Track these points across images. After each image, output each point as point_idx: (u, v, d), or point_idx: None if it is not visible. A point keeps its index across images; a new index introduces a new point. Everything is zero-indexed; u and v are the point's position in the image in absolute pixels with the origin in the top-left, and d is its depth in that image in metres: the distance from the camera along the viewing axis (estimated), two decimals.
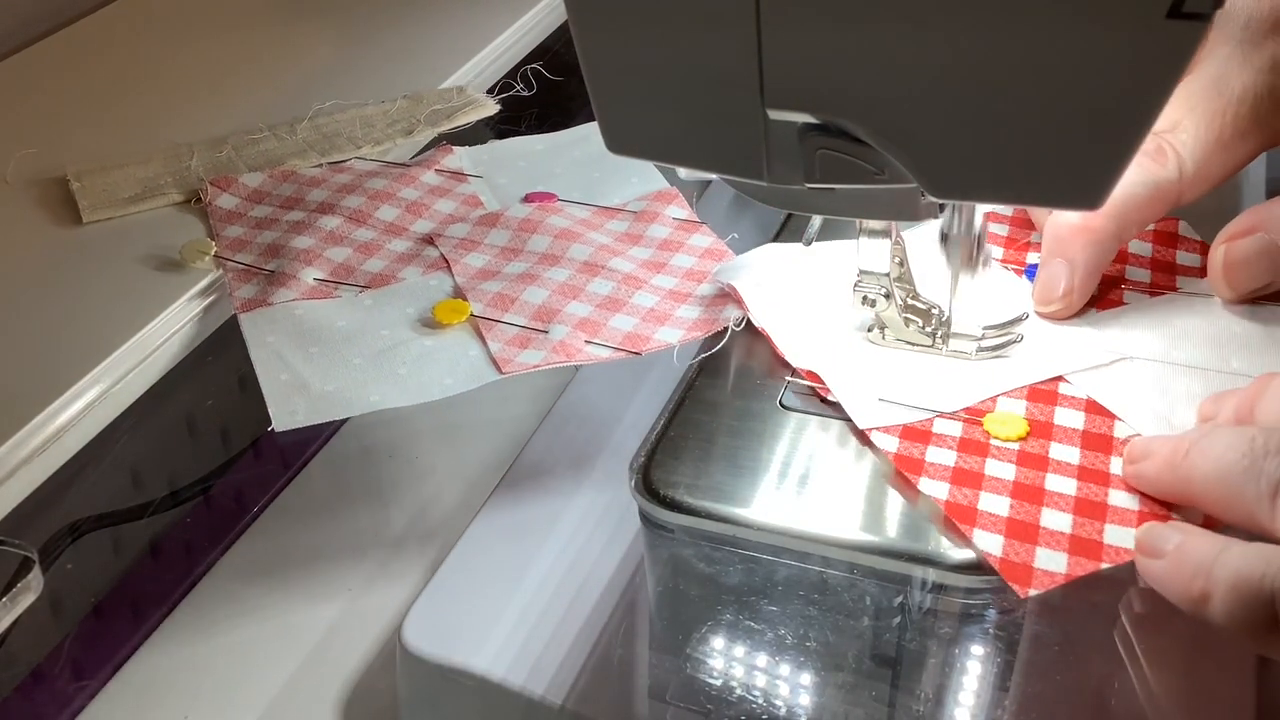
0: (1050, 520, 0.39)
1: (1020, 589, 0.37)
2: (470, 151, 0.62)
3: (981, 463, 0.42)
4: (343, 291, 0.52)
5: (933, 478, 0.41)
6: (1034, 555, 0.38)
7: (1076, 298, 0.46)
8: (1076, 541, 0.39)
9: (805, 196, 0.39)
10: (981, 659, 0.38)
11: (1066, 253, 0.46)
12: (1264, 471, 0.35)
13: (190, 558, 0.50)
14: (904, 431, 0.43)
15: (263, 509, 0.52)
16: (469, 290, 0.51)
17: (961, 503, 0.40)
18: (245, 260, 0.54)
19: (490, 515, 0.46)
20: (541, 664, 0.40)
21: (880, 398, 0.44)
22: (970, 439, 0.43)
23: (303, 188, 0.59)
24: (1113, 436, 0.42)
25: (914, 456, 0.42)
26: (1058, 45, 0.31)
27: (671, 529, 0.42)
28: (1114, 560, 0.38)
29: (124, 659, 0.46)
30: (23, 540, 0.42)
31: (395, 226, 0.56)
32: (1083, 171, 0.34)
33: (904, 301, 0.46)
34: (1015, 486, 0.41)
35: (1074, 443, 0.42)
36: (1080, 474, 0.41)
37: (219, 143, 0.63)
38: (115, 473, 0.52)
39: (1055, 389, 0.45)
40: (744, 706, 0.37)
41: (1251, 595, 0.33)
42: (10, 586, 0.40)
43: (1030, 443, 0.42)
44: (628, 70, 0.38)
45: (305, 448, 0.55)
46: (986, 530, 0.39)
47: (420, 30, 0.74)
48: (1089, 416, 0.43)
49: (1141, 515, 0.39)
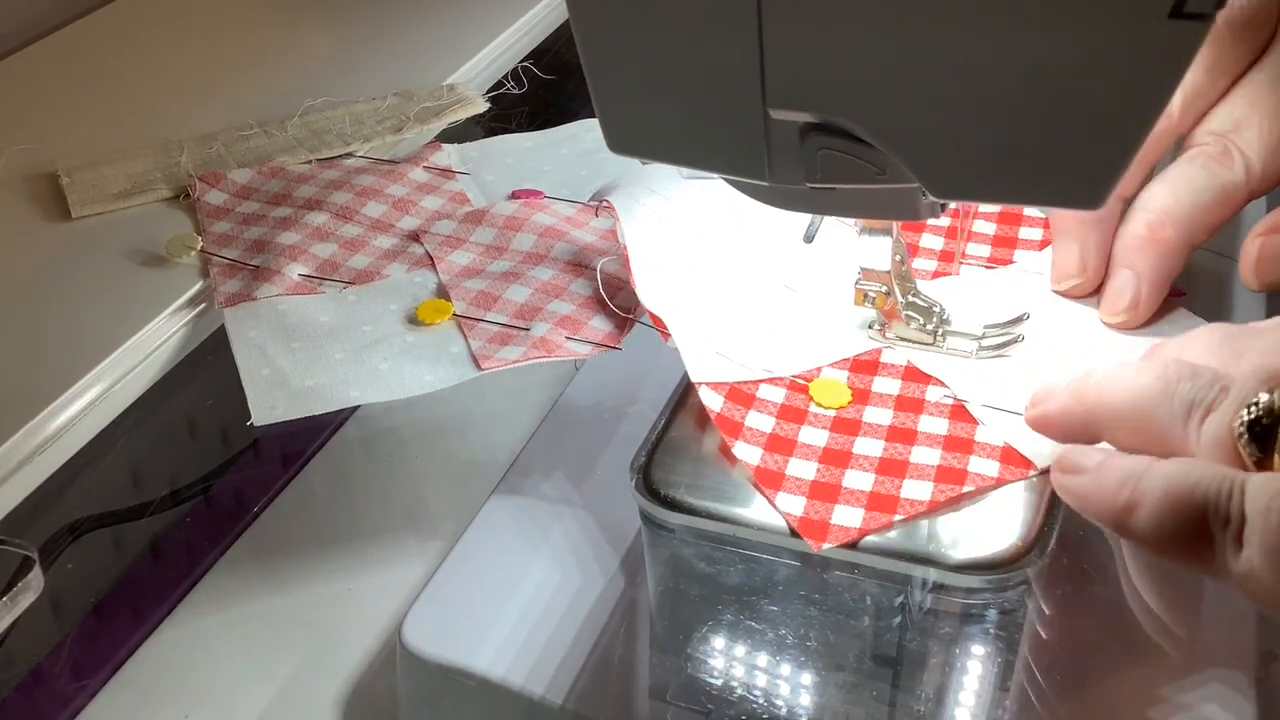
0: (853, 480, 0.41)
1: (815, 544, 0.39)
2: (459, 149, 0.62)
3: (797, 430, 0.43)
4: (327, 287, 0.52)
5: (748, 442, 0.42)
6: (832, 513, 0.40)
7: (1144, 309, 0.46)
8: (874, 498, 0.40)
9: (806, 196, 0.39)
10: (981, 659, 0.38)
11: (1134, 264, 0.45)
12: (1177, 394, 0.36)
13: (190, 558, 0.50)
14: (730, 392, 0.44)
15: (263, 509, 0.52)
16: (452, 288, 0.51)
17: (771, 468, 0.41)
18: (231, 255, 0.54)
19: (490, 515, 0.46)
20: (541, 664, 0.40)
21: (718, 351, 0.45)
22: (791, 406, 0.44)
23: (291, 184, 0.59)
24: (924, 400, 0.44)
25: (734, 420, 0.43)
26: (1059, 45, 0.31)
27: (671, 529, 0.42)
28: (908, 513, 0.39)
29: (124, 659, 0.46)
30: (23, 540, 0.42)
31: (381, 223, 0.56)
32: (1084, 172, 0.34)
33: (904, 299, 0.46)
34: (825, 452, 0.42)
35: (888, 406, 0.44)
36: (889, 435, 0.43)
37: (209, 139, 0.63)
38: (115, 473, 0.52)
39: (878, 358, 0.46)
40: (744, 706, 0.37)
41: (1183, 503, 0.33)
42: (10, 586, 0.40)
43: (849, 409, 0.44)
44: (629, 70, 0.38)
45: (305, 448, 0.55)
46: (790, 493, 0.40)
47: (420, 30, 0.74)
48: (905, 383, 0.45)
49: (940, 470, 0.41)
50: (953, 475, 0.41)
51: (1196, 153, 0.45)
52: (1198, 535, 0.33)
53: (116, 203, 0.59)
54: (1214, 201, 0.45)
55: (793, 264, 0.50)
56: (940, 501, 0.40)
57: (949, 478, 0.41)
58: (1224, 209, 0.45)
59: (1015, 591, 0.39)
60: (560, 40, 0.76)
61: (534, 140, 0.63)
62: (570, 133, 0.63)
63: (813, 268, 0.50)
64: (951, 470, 0.41)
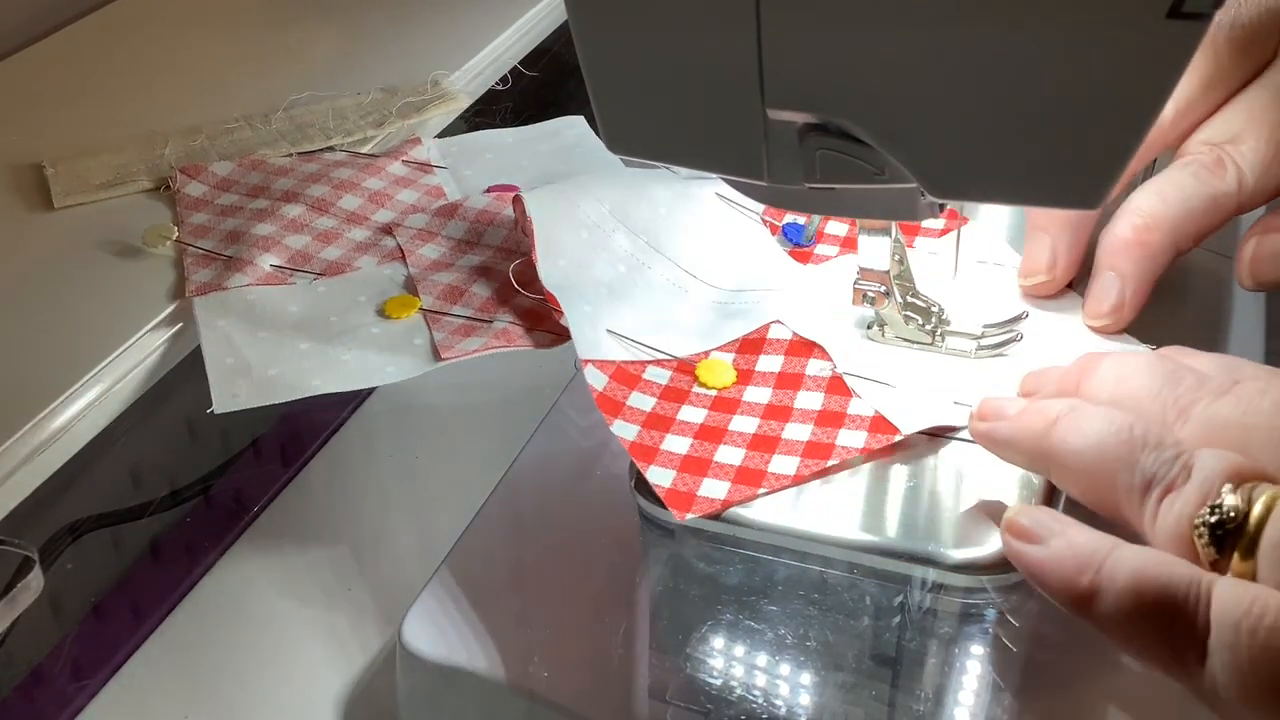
0: (724, 455, 0.42)
1: (679, 513, 0.40)
2: (439, 143, 0.63)
3: (677, 409, 0.44)
4: (297, 278, 0.53)
5: (626, 420, 0.43)
6: (700, 485, 0.40)
7: (1128, 312, 0.45)
8: (742, 472, 0.41)
9: (805, 196, 0.39)
10: (981, 659, 0.38)
11: (1119, 266, 0.45)
12: (1140, 465, 0.34)
13: (190, 558, 0.50)
14: (616, 372, 0.44)
15: (263, 509, 0.52)
16: (420, 281, 0.51)
17: (646, 443, 0.42)
18: (206, 246, 0.54)
19: (490, 515, 0.46)
20: (541, 664, 0.40)
21: (609, 329, 0.45)
22: (675, 387, 0.45)
23: (270, 176, 0.59)
24: (804, 374, 0.45)
25: (616, 399, 0.43)
26: (1058, 45, 0.31)
27: (671, 529, 0.42)
28: (772, 486, 0.41)
29: (124, 659, 0.46)
30: (23, 540, 0.42)
31: (357, 216, 0.56)
32: (1083, 172, 0.34)
33: (903, 299, 0.46)
34: (701, 429, 0.43)
35: (768, 384, 0.45)
36: (765, 413, 0.43)
37: (194, 132, 0.64)
38: (115, 473, 0.52)
39: (764, 336, 0.47)
40: (744, 706, 0.37)
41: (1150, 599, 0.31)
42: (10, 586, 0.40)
43: (731, 389, 0.45)
44: (627, 70, 0.38)
45: (305, 448, 0.55)
46: (662, 466, 0.41)
47: (420, 30, 0.74)
48: (787, 359, 0.46)
49: (808, 445, 0.42)
50: (820, 450, 0.42)
51: (1190, 160, 0.45)
52: (1164, 635, 0.31)
53: (98, 193, 0.59)
54: (1203, 209, 0.44)
55: (698, 255, 0.51)
56: (805, 475, 0.41)
57: (816, 452, 0.42)
58: (1212, 218, 0.45)
59: (1015, 591, 0.39)
60: (560, 40, 0.76)
61: (514, 136, 0.63)
62: (551, 129, 0.64)
63: (717, 259, 0.51)
64: (819, 445, 0.42)
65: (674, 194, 0.53)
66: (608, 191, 0.52)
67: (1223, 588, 0.31)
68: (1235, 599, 0.30)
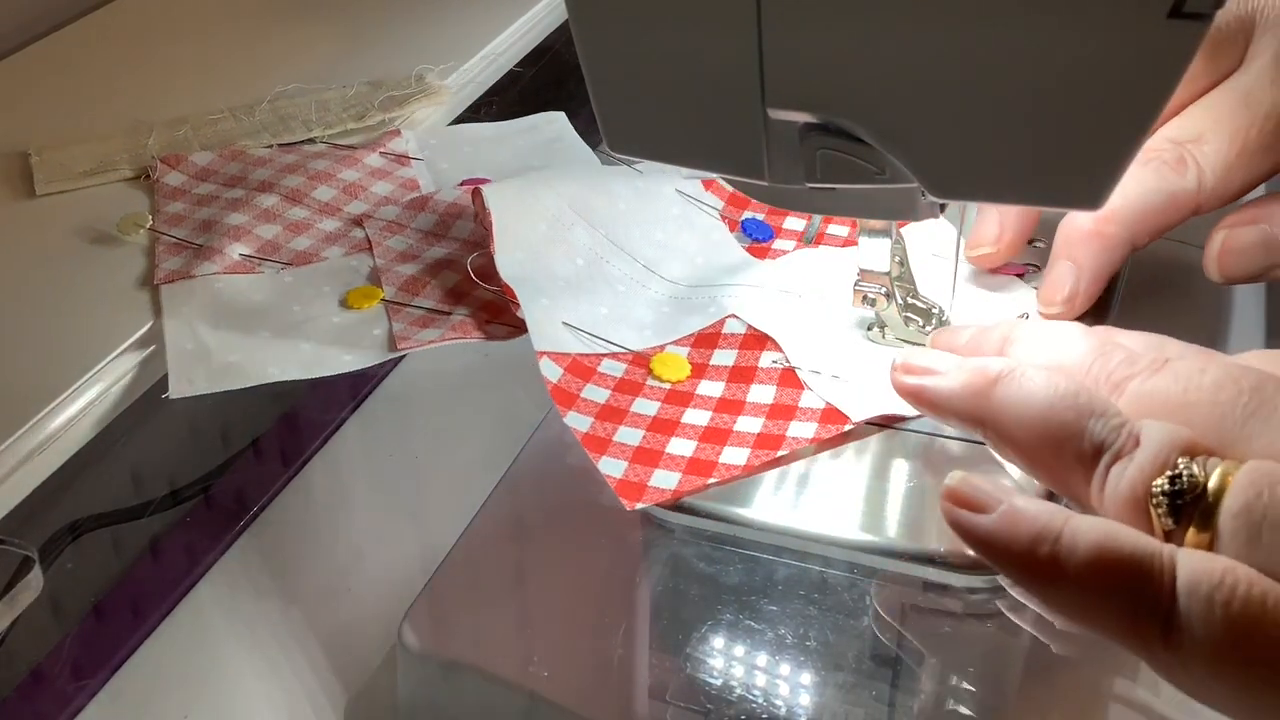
0: (675, 447, 0.42)
1: (629, 503, 0.40)
2: (419, 135, 0.63)
3: (630, 401, 0.44)
4: (265, 268, 0.53)
5: (580, 412, 0.43)
6: (651, 476, 0.41)
7: (1081, 301, 0.46)
8: (693, 463, 0.41)
9: (806, 196, 0.39)
10: (981, 659, 0.38)
11: (1075, 256, 0.46)
12: (1089, 431, 0.34)
13: (190, 558, 0.50)
14: (571, 365, 0.45)
15: (263, 509, 0.52)
16: (385, 272, 0.52)
17: (599, 435, 0.42)
18: (179, 235, 0.55)
19: (490, 515, 0.46)
20: (541, 664, 0.40)
21: (566, 322, 0.46)
22: (629, 380, 0.45)
23: (248, 167, 0.60)
24: (757, 367, 0.45)
25: (570, 391, 0.44)
26: (1058, 45, 0.31)
27: (671, 529, 0.42)
28: (722, 477, 0.41)
29: (124, 659, 0.46)
30: (23, 540, 0.42)
31: (330, 206, 0.57)
32: (1083, 172, 0.34)
33: (904, 301, 0.46)
34: (654, 421, 0.43)
35: (722, 378, 0.45)
36: (718, 406, 0.44)
37: (179, 122, 0.64)
38: (115, 473, 0.52)
39: (719, 330, 0.47)
40: (744, 706, 0.37)
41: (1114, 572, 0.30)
42: (10, 586, 0.40)
43: (685, 383, 0.45)
44: (627, 70, 0.38)
45: (305, 448, 0.55)
46: (614, 458, 0.41)
47: (420, 30, 0.74)
48: (741, 353, 0.46)
49: (759, 437, 0.42)
50: (770, 441, 0.42)
51: (1153, 156, 0.45)
52: (1127, 607, 0.30)
53: (80, 181, 0.60)
54: (1161, 205, 0.45)
55: (657, 250, 0.52)
56: (755, 466, 0.41)
57: (766, 444, 0.42)
58: (1170, 215, 0.45)
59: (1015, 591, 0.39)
60: (560, 40, 0.76)
61: (494, 130, 0.64)
62: (531, 124, 0.64)
63: (675, 255, 0.52)
64: (770, 436, 0.42)
65: (634, 190, 0.53)
66: (568, 186, 0.52)
67: (1188, 559, 0.30)
68: (1205, 571, 0.30)
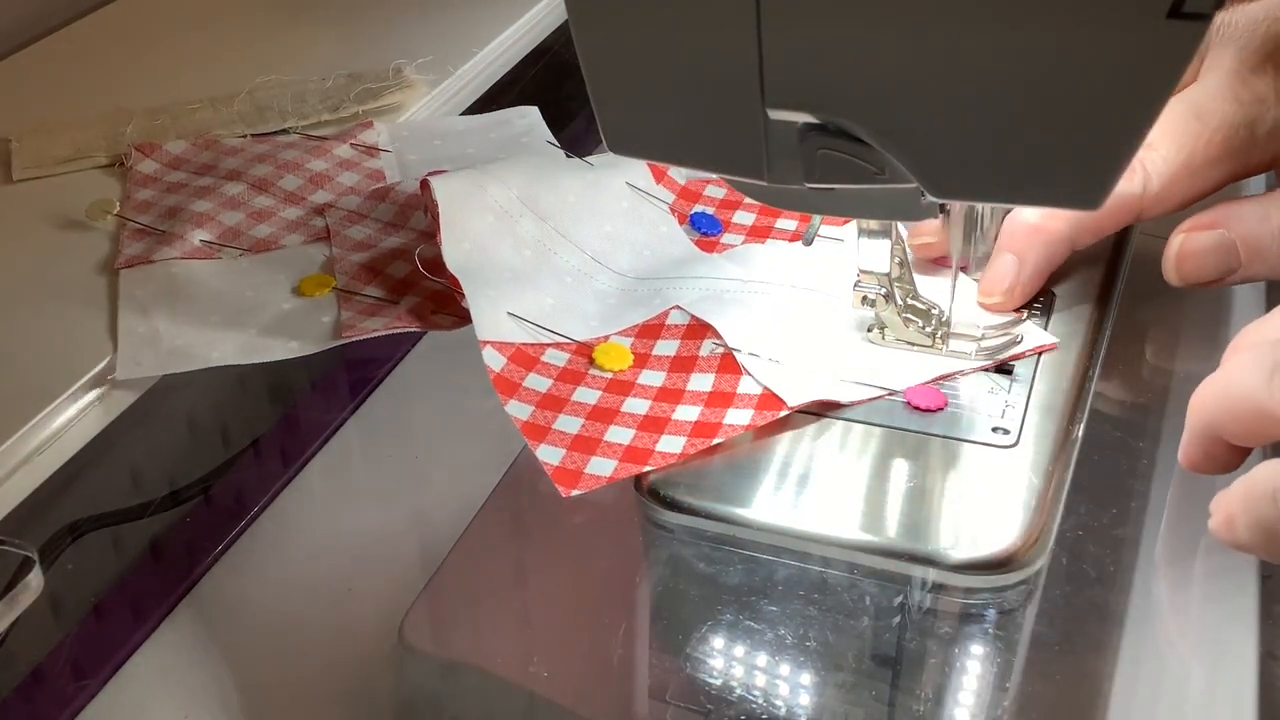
0: (614, 435, 0.43)
1: (564, 490, 0.40)
2: (391, 127, 0.63)
3: (572, 390, 0.45)
4: (225, 254, 0.53)
5: (521, 400, 0.43)
6: (587, 463, 0.41)
7: (1019, 294, 0.47)
8: (630, 451, 0.42)
9: (805, 196, 0.39)
10: (981, 659, 0.38)
11: (1017, 249, 0.47)
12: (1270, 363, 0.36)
13: (190, 558, 0.50)
14: (514, 354, 0.45)
15: (263, 509, 0.52)
16: (339, 261, 0.52)
17: (539, 423, 0.43)
18: (145, 221, 0.55)
19: (490, 515, 0.46)
20: (541, 664, 0.40)
21: (510, 312, 0.46)
22: (571, 369, 0.45)
23: (220, 156, 0.61)
24: (698, 356, 0.46)
25: (512, 380, 0.44)
26: (1058, 45, 0.31)
27: (671, 529, 0.42)
28: (658, 464, 0.41)
29: (124, 659, 0.46)
30: (23, 540, 0.41)
31: (295, 196, 0.57)
32: (1083, 172, 0.34)
33: (903, 301, 0.46)
34: (594, 410, 0.44)
35: (663, 368, 0.46)
36: (657, 395, 0.44)
37: (158, 111, 0.64)
38: (115, 473, 0.52)
39: (663, 321, 0.48)
40: (744, 706, 0.37)
41: None
42: (10, 586, 0.40)
43: (627, 373, 0.45)
44: (627, 70, 0.38)
45: (305, 448, 0.55)
46: (552, 445, 0.42)
47: (420, 30, 0.74)
48: (683, 343, 0.46)
49: (696, 425, 0.43)
50: (707, 429, 0.43)
51: None
52: None
53: (58, 167, 0.60)
54: (1107, 208, 0.45)
55: (605, 242, 0.52)
56: (689, 454, 0.42)
57: (703, 432, 0.42)
58: (1115, 217, 0.46)
59: (1015, 591, 0.39)
60: (560, 40, 0.76)
61: (466, 123, 0.64)
62: (503, 117, 0.64)
63: (623, 247, 0.52)
64: (707, 424, 0.43)
65: (584, 182, 0.54)
66: (516, 178, 0.52)
67: None
68: None
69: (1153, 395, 0.48)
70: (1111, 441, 0.45)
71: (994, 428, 0.43)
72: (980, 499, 0.40)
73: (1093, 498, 0.42)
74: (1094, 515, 0.42)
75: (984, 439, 0.43)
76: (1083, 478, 0.43)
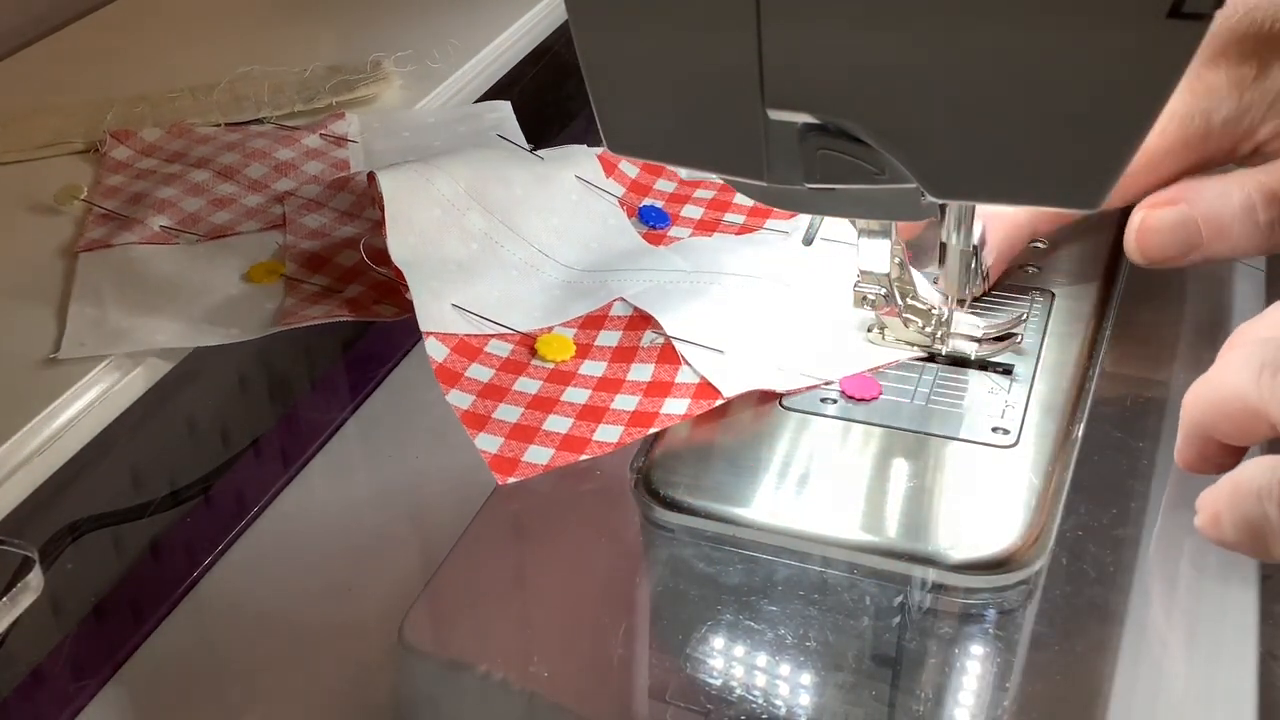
0: (552, 424, 0.44)
1: (501, 478, 0.41)
2: (362, 118, 0.64)
3: (513, 380, 0.45)
4: (183, 240, 0.54)
5: (462, 390, 0.44)
6: (525, 451, 0.42)
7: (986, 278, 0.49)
8: (567, 440, 0.42)
9: (805, 197, 0.39)
10: (981, 659, 0.38)
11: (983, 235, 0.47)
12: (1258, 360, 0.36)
13: (190, 558, 0.50)
14: (458, 345, 0.45)
15: (263, 509, 0.52)
16: (291, 248, 0.53)
17: (479, 412, 0.43)
18: (110, 206, 0.56)
19: (490, 515, 0.46)
20: (541, 664, 0.40)
21: (454, 304, 0.46)
22: (515, 360, 0.46)
23: (192, 144, 0.61)
24: (638, 347, 0.46)
25: (455, 370, 0.45)
26: (1057, 45, 0.31)
27: (671, 529, 0.42)
28: (594, 453, 0.42)
29: (124, 659, 0.46)
30: (23, 540, 0.41)
31: (258, 184, 0.58)
32: (1083, 172, 0.34)
33: (904, 302, 0.46)
34: (534, 399, 0.44)
35: (605, 358, 0.46)
36: (597, 385, 0.45)
37: (139, 99, 0.65)
38: (115, 473, 0.52)
39: (606, 313, 0.48)
40: (744, 706, 0.37)
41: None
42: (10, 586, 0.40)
43: (569, 363, 0.46)
44: (627, 70, 0.38)
45: (305, 448, 0.55)
46: (491, 434, 0.42)
47: (420, 30, 0.74)
48: (625, 334, 0.47)
49: (633, 415, 0.43)
50: (644, 419, 0.43)
51: None
52: None
53: (36, 152, 0.62)
54: None
55: (552, 235, 0.53)
56: (626, 442, 0.42)
57: (640, 421, 0.43)
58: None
59: (1015, 591, 0.39)
60: (560, 40, 0.76)
61: (437, 116, 0.64)
62: (474, 111, 0.65)
63: (571, 240, 0.53)
64: (644, 414, 0.43)
65: (533, 175, 0.54)
66: (464, 171, 0.53)
67: None
68: None
69: (1153, 395, 0.48)
70: (1111, 441, 0.45)
71: (994, 428, 0.43)
72: (980, 499, 0.40)
73: (1093, 498, 0.42)
74: (1094, 515, 0.42)
75: (984, 439, 0.43)
76: (1083, 478, 0.43)
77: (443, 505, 0.52)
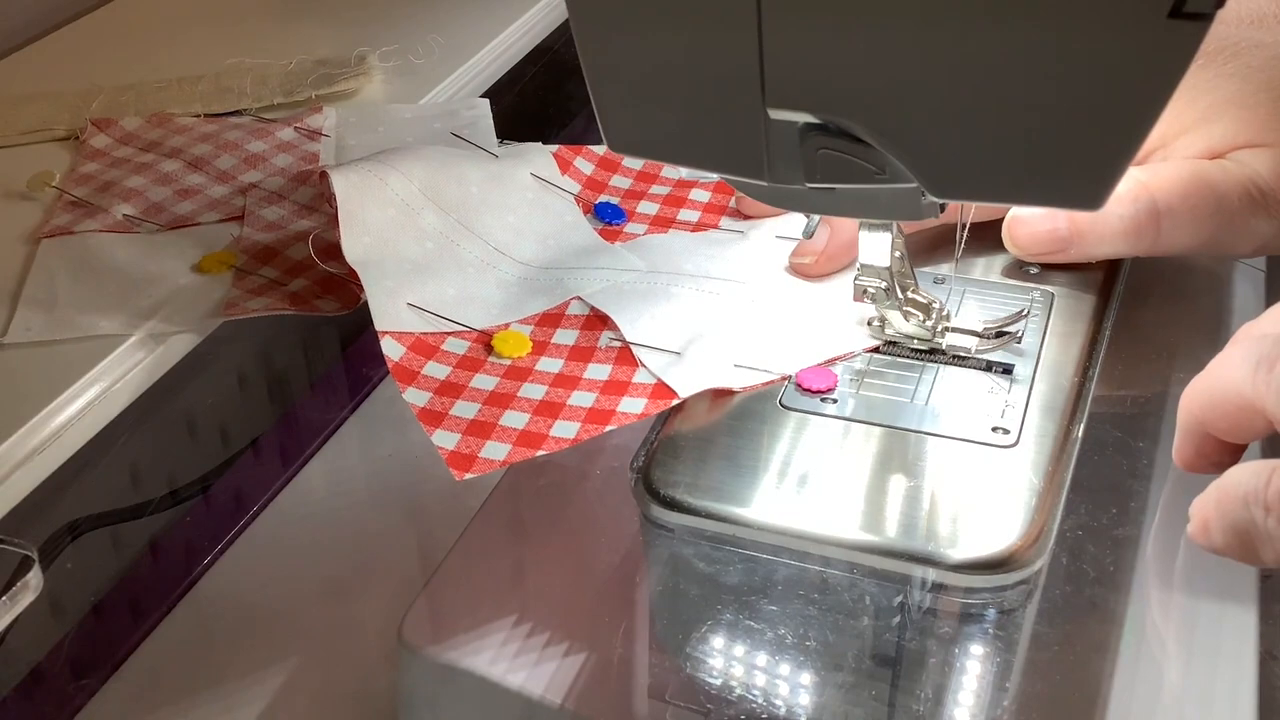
0: (509, 420, 0.44)
1: (458, 473, 0.41)
2: (340, 112, 0.64)
3: (470, 377, 0.45)
4: (143, 229, 0.54)
5: (419, 388, 0.44)
6: (483, 447, 0.42)
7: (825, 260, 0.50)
8: (524, 435, 0.42)
9: (806, 196, 0.39)
10: (981, 659, 0.38)
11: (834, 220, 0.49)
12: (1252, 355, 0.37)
13: (190, 558, 0.50)
14: (414, 343, 0.46)
15: (263, 509, 0.52)
16: (245, 240, 0.53)
17: (436, 409, 0.43)
18: (79, 194, 0.56)
19: (490, 515, 0.46)
20: (541, 664, 0.40)
21: (410, 303, 0.46)
22: (471, 357, 0.46)
23: (169, 134, 0.61)
24: (596, 347, 0.47)
25: (411, 369, 0.45)
26: (1059, 45, 0.31)
27: (671, 529, 0.42)
28: (551, 449, 0.42)
29: (124, 659, 0.46)
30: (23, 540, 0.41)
31: (226, 175, 0.58)
32: (1083, 171, 0.34)
33: (904, 295, 0.46)
34: (490, 395, 0.44)
35: (561, 356, 0.46)
36: (554, 381, 0.45)
37: (125, 89, 0.65)
38: (115, 473, 0.52)
39: (563, 311, 0.48)
40: (744, 706, 0.37)
41: None
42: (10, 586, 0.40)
43: (525, 359, 0.46)
44: (628, 70, 0.38)
45: (305, 447, 0.55)
46: (448, 430, 0.42)
47: (420, 30, 0.74)
48: (583, 333, 0.47)
49: (590, 412, 0.43)
50: (601, 416, 0.43)
51: None
52: None
53: (21, 138, 0.62)
54: None
55: (508, 233, 0.53)
56: (583, 438, 0.43)
57: (597, 419, 0.43)
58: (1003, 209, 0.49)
59: (1015, 591, 0.39)
60: (560, 40, 0.76)
61: (412, 112, 0.64)
62: (448, 108, 0.65)
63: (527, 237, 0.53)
64: (601, 411, 0.43)
65: (487, 174, 0.54)
66: (418, 169, 0.53)
67: None
68: None
69: (1153, 395, 0.48)
70: (1111, 441, 0.45)
71: (994, 428, 0.43)
72: (980, 499, 0.40)
73: (1093, 498, 0.42)
74: (1094, 515, 0.42)
75: (984, 439, 0.43)
76: (1083, 478, 0.43)
77: (443, 505, 0.52)
